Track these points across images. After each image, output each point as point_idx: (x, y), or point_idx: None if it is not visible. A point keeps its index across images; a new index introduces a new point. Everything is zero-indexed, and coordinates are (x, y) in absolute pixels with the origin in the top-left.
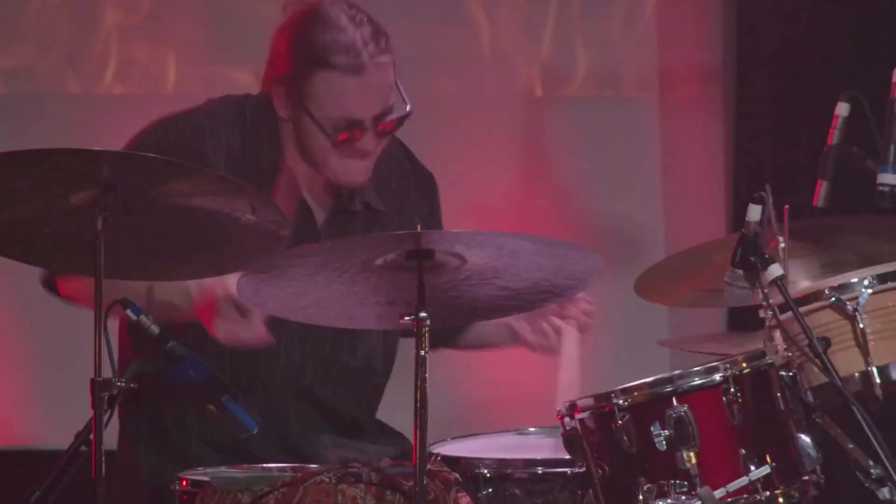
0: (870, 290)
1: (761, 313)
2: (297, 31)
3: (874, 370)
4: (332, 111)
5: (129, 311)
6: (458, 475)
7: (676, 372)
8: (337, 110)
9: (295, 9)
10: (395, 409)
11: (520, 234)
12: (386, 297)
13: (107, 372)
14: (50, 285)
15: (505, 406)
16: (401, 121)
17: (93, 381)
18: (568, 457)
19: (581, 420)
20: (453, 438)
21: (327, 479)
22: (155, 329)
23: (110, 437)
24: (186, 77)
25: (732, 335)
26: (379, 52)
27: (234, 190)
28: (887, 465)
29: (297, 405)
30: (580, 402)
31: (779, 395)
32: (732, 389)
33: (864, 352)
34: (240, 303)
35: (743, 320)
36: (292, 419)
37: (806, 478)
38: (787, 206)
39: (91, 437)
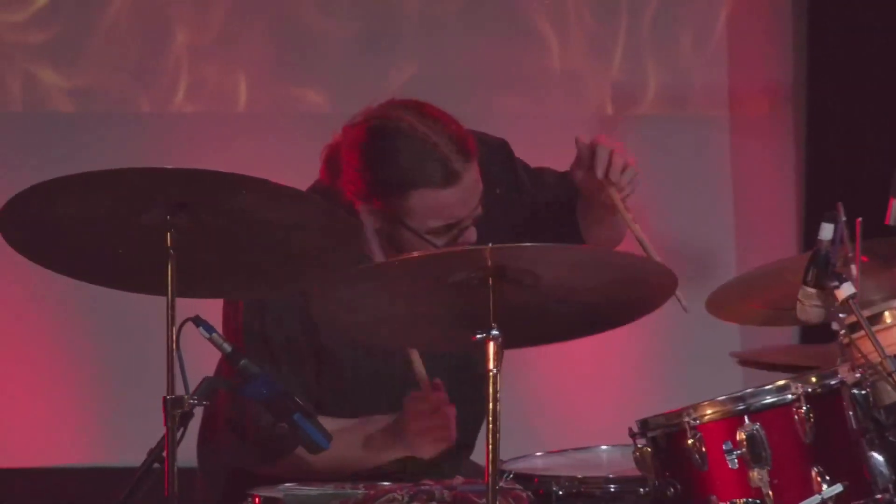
0: None
1: (833, 327)
2: (376, 152)
3: None
4: (433, 222)
5: (201, 329)
6: (530, 493)
7: (748, 390)
8: (437, 220)
9: (364, 125)
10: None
11: (589, 248)
12: (459, 316)
13: (179, 389)
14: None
15: (577, 423)
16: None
17: (165, 399)
18: (640, 474)
19: (653, 438)
20: (526, 456)
21: (399, 497)
22: (227, 347)
23: (183, 453)
24: (257, 96)
25: (805, 348)
26: (466, 152)
27: (305, 205)
28: None
29: None
30: (652, 420)
31: (851, 413)
32: (804, 408)
33: None
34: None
35: (815, 334)
36: None
37: (879, 497)
38: (859, 220)
39: (164, 454)
